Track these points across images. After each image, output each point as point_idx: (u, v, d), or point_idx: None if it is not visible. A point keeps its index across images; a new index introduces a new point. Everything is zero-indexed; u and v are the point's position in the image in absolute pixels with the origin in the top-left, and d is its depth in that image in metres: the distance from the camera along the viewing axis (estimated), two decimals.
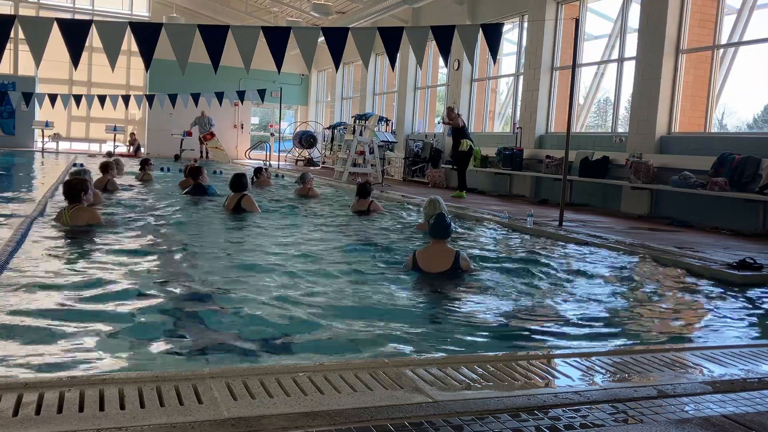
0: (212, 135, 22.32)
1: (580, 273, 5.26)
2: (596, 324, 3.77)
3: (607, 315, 3.99)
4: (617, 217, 9.81)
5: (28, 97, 15.34)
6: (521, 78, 14.27)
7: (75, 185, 6.29)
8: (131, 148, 23.19)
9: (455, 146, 12.48)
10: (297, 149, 24.27)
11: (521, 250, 6.28)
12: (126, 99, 15.99)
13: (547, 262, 5.66)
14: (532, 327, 3.65)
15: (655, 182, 9.94)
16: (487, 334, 3.51)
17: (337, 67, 7.04)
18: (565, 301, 4.33)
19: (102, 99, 15.24)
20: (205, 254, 5.40)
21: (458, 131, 12.40)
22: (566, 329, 3.63)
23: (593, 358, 2.72)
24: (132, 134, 23.98)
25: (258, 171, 11.98)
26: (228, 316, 3.55)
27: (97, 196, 7.61)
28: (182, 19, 19.49)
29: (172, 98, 15.06)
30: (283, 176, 15.76)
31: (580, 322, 3.80)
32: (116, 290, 3.96)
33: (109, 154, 19.06)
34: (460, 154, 12.28)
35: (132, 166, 14.75)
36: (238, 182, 7.94)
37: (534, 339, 3.44)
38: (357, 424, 1.95)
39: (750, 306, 4.42)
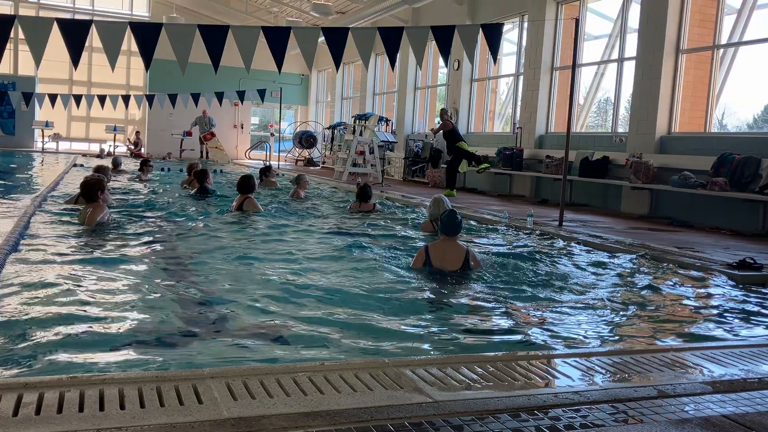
0: (212, 135, 22.33)
1: (580, 273, 5.27)
2: (596, 324, 3.77)
3: (607, 315, 3.99)
4: (617, 217, 9.81)
5: (28, 97, 15.33)
6: (521, 78, 14.27)
7: (92, 185, 6.38)
8: (132, 147, 23.17)
9: (452, 148, 12.49)
10: (297, 149, 24.27)
11: (521, 251, 6.28)
12: (126, 99, 15.98)
13: (546, 262, 5.66)
14: (532, 327, 3.65)
15: (655, 182, 9.94)
16: (487, 334, 3.51)
17: (337, 67, 7.04)
18: (565, 301, 4.33)
19: (102, 99, 15.24)
20: (206, 255, 5.40)
21: (451, 134, 12.42)
22: (566, 329, 3.63)
23: (593, 358, 2.72)
24: (137, 133, 23.95)
25: (267, 170, 11.97)
26: (228, 316, 3.55)
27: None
28: (182, 19, 19.48)
29: (172, 98, 15.05)
30: (283, 175, 15.76)
31: (580, 322, 3.80)
32: (117, 290, 3.96)
33: (107, 153, 19.09)
34: (460, 153, 12.30)
35: (131, 165, 14.76)
36: (244, 184, 8.00)
37: (534, 339, 3.44)
38: (357, 424, 1.95)
39: (750, 306, 4.42)
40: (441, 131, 12.74)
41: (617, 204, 10.96)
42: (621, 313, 4.07)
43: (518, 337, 3.48)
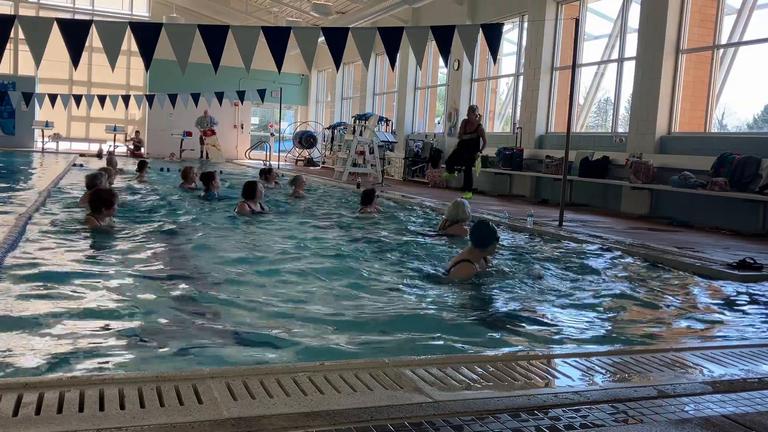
0: (213, 132, 22.48)
1: (579, 273, 5.26)
2: (596, 324, 3.77)
3: (607, 315, 3.99)
4: (617, 217, 9.81)
5: (28, 97, 15.32)
6: (521, 78, 14.27)
7: (103, 197, 6.10)
8: (132, 147, 23.16)
9: (465, 152, 12.38)
10: (297, 149, 24.28)
11: (521, 251, 6.28)
12: (126, 99, 15.98)
13: (546, 262, 5.66)
14: (532, 327, 3.65)
15: (655, 182, 9.94)
16: (487, 334, 3.51)
17: (337, 67, 7.04)
18: (566, 301, 4.32)
19: (102, 99, 15.23)
20: (206, 255, 5.40)
21: (476, 141, 12.20)
22: (566, 329, 3.63)
23: (593, 358, 2.72)
24: (137, 132, 23.96)
25: (268, 172, 11.99)
26: (228, 316, 3.55)
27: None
28: (182, 19, 19.48)
29: (172, 98, 15.05)
30: (283, 176, 15.76)
31: (580, 322, 3.80)
32: (117, 290, 3.96)
33: (108, 153, 19.09)
34: (470, 162, 12.28)
35: (128, 165, 14.76)
36: (245, 189, 7.97)
37: (534, 339, 3.44)
38: (357, 424, 1.95)
39: (750, 306, 4.42)
40: (474, 131, 12.23)
41: (617, 204, 10.96)
42: (621, 313, 4.07)
43: (518, 337, 3.48)
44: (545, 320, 3.81)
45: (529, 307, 4.13)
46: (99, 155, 19.55)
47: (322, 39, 6.80)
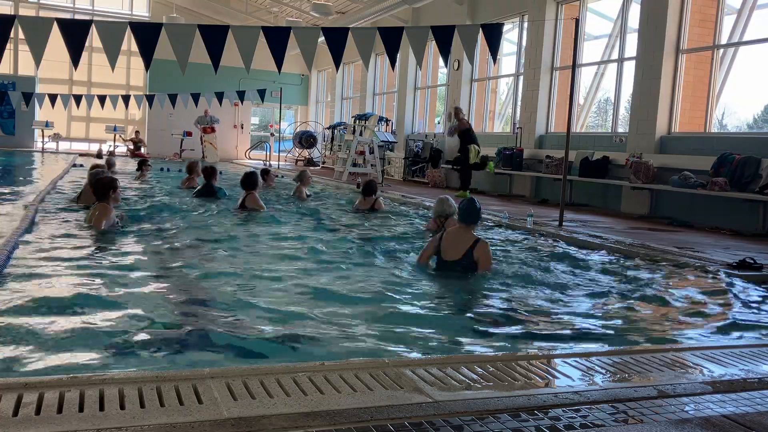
0: (213, 130, 22.54)
1: (579, 273, 5.26)
2: (596, 324, 3.77)
3: (607, 315, 3.99)
4: (617, 217, 9.81)
5: (28, 97, 15.32)
6: (521, 78, 14.27)
7: (106, 183, 6.16)
8: (132, 147, 23.16)
9: (462, 150, 12.48)
10: (297, 149, 24.28)
11: (521, 251, 6.28)
12: (126, 99, 15.98)
13: (546, 262, 5.66)
14: (532, 327, 3.65)
15: (655, 182, 9.94)
16: (487, 334, 3.51)
17: (337, 67, 7.04)
18: (565, 301, 4.33)
19: (102, 99, 15.23)
20: (207, 255, 5.40)
21: (465, 134, 12.40)
22: (566, 329, 3.63)
23: (593, 358, 2.72)
24: (137, 132, 23.95)
25: (266, 173, 12.03)
26: (228, 316, 3.55)
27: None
28: (182, 19, 19.47)
29: (172, 98, 15.05)
30: (283, 177, 15.76)
31: (580, 322, 3.80)
32: (118, 290, 3.96)
33: (108, 153, 19.10)
34: (466, 160, 12.32)
35: (127, 165, 14.77)
36: (247, 180, 8.08)
37: (534, 339, 3.44)
38: (357, 424, 1.95)
39: (750, 306, 4.41)
40: (458, 131, 12.61)
41: (617, 204, 10.96)
42: (621, 313, 4.07)
43: (518, 337, 3.47)
44: (545, 320, 3.81)
45: (529, 307, 4.12)
46: (99, 155, 19.54)
47: (322, 39, 6.80)
